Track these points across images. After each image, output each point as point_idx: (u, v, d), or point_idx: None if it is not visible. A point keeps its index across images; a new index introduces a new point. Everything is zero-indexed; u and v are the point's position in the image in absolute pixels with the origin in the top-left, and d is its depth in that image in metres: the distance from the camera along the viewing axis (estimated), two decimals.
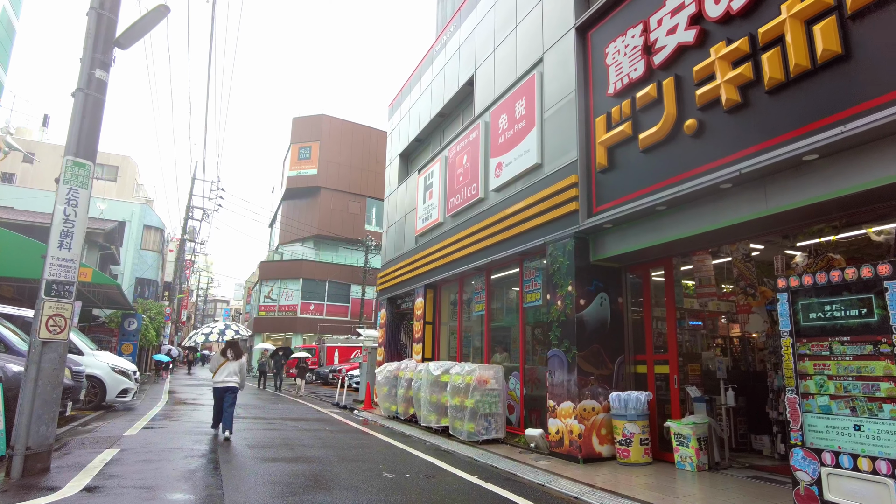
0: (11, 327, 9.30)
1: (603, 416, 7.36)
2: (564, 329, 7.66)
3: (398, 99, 16.69)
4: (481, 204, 10.57)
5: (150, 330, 24.94)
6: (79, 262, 5.70)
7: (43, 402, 5.30)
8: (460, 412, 8.88)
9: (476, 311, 10.98)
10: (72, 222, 5.62)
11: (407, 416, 11.09)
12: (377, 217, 43.31)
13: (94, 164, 5.98)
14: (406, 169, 15.87)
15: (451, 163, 12.00)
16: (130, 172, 34.39)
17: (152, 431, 8.54)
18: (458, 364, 9.46)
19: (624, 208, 6.98)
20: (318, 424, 10.70)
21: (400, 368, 11.63)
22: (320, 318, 37.74)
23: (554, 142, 8.57)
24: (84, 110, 5.96)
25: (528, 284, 9.25)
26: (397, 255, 14.97)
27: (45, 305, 5.39)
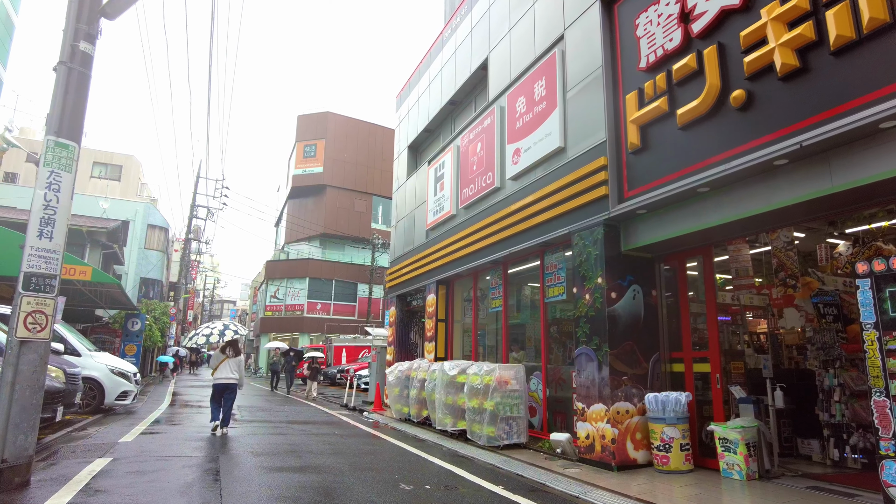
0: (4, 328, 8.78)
1: (638, 419, 6.75)
2: (594, 325, 7.05)
3: (406, 89, 16.10)
4: (497, 193, 9.97)
5: (155, 331, 24.48)
6: (62, 253, 5.15)
7: (21, 409, 4.75)
8: (479, 415, 8.29)
9: (492, 308, 10.38)
10: (53, 209, 5.06)
11: (420, 418, 10.51)
12: (384, 215, 42.79)
13: (80, 145, 5.42)
14: (415, 161, 15.28)
15: (464, 152, 11.40)
16: (134, 172, 33.98)
17: (150, 437, 8.00)
18: (476, 363, 8.86)
19: (660, 192, 6.37)
20: (327, 428, 10.13)
21: (412, 368, 11.05)
22: (327, 318, 37.25)
23: (578, 123, 7.95)
24: (67, 86, 5.40)
25: (550, 278, 8.64)
26: (407, 251, 14.39)
27: (24, 301, 4.84)
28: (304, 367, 23.08)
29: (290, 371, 20.79)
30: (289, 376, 20.67)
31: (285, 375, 20.85)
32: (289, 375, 20.67)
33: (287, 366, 20.77)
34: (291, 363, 21.06)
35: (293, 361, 21.18)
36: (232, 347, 9.22)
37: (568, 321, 8.73)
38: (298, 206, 41.98)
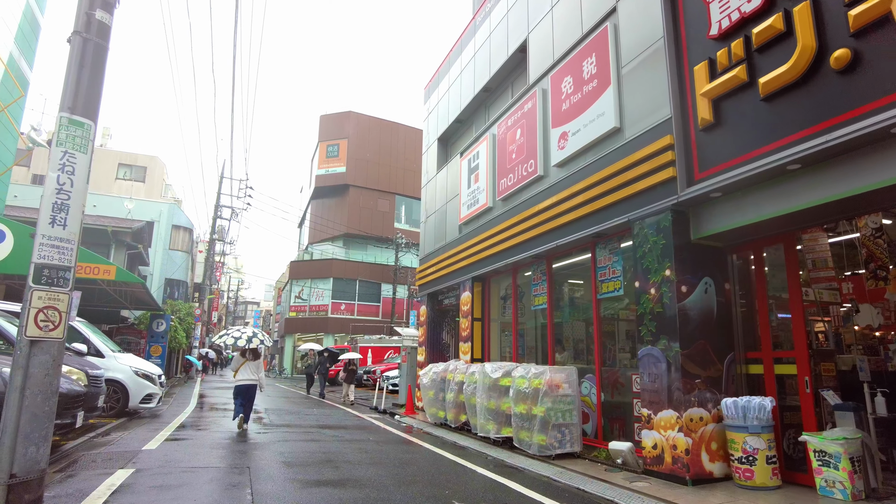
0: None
1: (713, 426, 6.01)
2: (661, 323, 6.33)
3: (434, 80, 15.48)
4: (540, 182, 9.27)
5: (180, 331, 24.25)
6: (77, 243, 4.61)
7: (32, 418, 4.21)
8: (527, 421, 7.61)
9: (535, 305, 9.68)
10: (67, 193, 4.53)
11: (458, 423, 9.86)
12: (406, 214, 42.34)
13: (96, 124, 4.89)
14: (445, 154, 14.64)
15: (501, 140, 10.72)
16: (158, 173, 33.97)
17: (175, 444, 7.48)
18: (522, 365, 8.19)
19: (739, 171, 5.63)
20: (360, 433, 9.54)
21: (448, 370, 10.41)
22: (351, 318, 36.87)
23: (636, 100, 7.23)
24: (83, 59, 4.87)
25: (604, 272, 7.93)
26: (438, 247, 13.76)
27: (34, 296, 4.31)
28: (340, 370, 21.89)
29: (324, 373, 19.62)
30: (322, 379, 19.52)
31: (319, 378, 19.72)
32: (322, 378, 19.51)
33: (321, 367, 19.67)
34: (326, 364, 19.90)
35: (327, 363, 20.04)
36: (252, 352, 9.90)
37: (625, 319, 8.02)
38: (322, 207, 41.74)
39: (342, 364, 19.29)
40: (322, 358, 20.05)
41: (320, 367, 19.65)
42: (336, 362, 21.20)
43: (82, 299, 17.70)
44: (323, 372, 19.45)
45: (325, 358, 20.06)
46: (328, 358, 20.21)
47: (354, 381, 17.32)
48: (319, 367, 19.72)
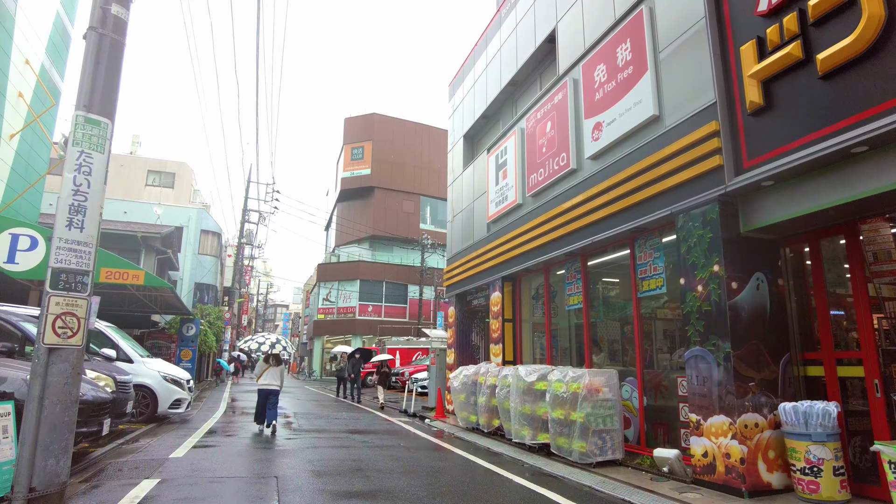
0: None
1: (770, 433, 5.56)
2: (709, 322, 5.90)
3: (459, 76, 15.18)
4: (573, 176, 8.89)
5: (210, 335, 24.39)
6: (95, 246, 4.43)
7: (51, 429, 4.03)
8: (565, 427, 7.24)
9: (570, 305, 9.29)
10: (83, 194, 4.35)
11: (491, 428, 9.53)
12: (432, 215, 42.18)
13: (113, 123, 4.71)
14: (472, 151, 14.32)
15: (530, 134, 10.36)
16: (187, 178, 34.38)
17: (203, 452, 7.31)
18: (558, 368, 7.82)
19: (794, 157, 5.18)
20: (390, 439, 9.28)
21: (479, 373, 10.08)
22: (379, 320, 36.82)
23: (676, 86, 6.81)
24: (98, 55, 4.70)
25: (644, 269, 7.51)
26: (466, 247, 13.44)
27: (52, 302, 4.13)
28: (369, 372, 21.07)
29: (357, 376, 18.35)
30: (354, 382, 18.29)
31: (351, 382, 18.61)
32: (354, 381, 18.29)
33: (353, 369, 18.48)
34: (359, 366, 18.65)
35: (361, 364, 18.83)
36: (274, 358, 10.38)
37: (667, 318, 7.59)
38: (347, 209, 41.86)
39: (373, 366, 18.75)
40: (354, 360, 18.92)
41: (353, 370, 18.61)
42: (367, 361, 20.21)
43: (112, 304, 17.98)
44: (356, 375, 18.41)
45: (357, 360, 18.91)
46: (360, 359, 19.06)
47: (387, 383, 16.46)
48: (352, 369, 18.70)
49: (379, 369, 16.55)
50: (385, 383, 16.23)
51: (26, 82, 17.03)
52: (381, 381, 16.20)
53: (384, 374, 16.41)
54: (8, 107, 15.83)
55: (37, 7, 17.61)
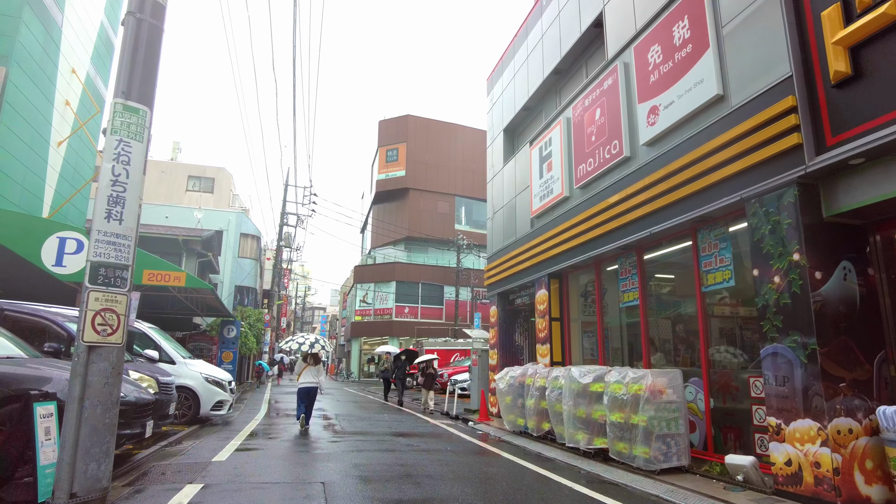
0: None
1: (866, 440, 4.99)
2: (789, 316, 5.36)
3: (497, 69, 14.78)
4: (627, 164, 8.40)
5: (250, 337, 24.60)
6: (135, 239, 4.22)
7: (92, 431, 3.83)
8: (626, 431, 6.76)
9: (624, 302, 8.78)
10: (122, 185, 4.14)
11: (540, 432, 9.09)
12: (467, 216, 41.88)
13: (152, 111, 4.50)
14: (512, 145, 13.91)
15: (577, 122, 9.89)
16: (226, 183, 34.92)
17: (246, 455, 7.10)
18: (616, 369, 7.35)
19: (891, 131, 4.62)
20: (436, 442, 8.95)
21: (527, 375, 9.66)
22: (415, 321, 36.66)
23: (743, 62, 6.28)
24: (137, 41, 4.50)
25: (709, 261, 6.98)
26: (508, 244, 13.03)
27: (91, 297, 3.93)
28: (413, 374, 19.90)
29: (402, 378, 17.37)
30: (400, 384, 17.39)
31: (397, 384, 17.62)
32: (400, 383, 17.39)
33: (399, 372, 17.42)
34: (405, 368, 17.53)
35: (407, 365, 17.63)
36: (313, 357, 10.54)
37: (738, 315, 7.05)
38: (383, 211, 41.90)
39: (415, 368, 17.41)
40: (400, 362, 17.83)
41: (398, 372, 17.57)
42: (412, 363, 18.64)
43: (155, 306, 18.18)
44: (401, 377, 17.43)
45: (402, 362, 17.77)
46: (406, 361, 17.84)
47: (433, 386, 15.07)
48: (397, 371, 17.64)
49: (423, 370, 15.25)
50: (431, 385, 14.91)
51: (73, 91, 17.41)
52: (427, 384, 14.89)
53: (430, 375, 15.02)
54: (56, 115, 16.18)
55: (82, 17, 17.97)
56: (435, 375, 15.24)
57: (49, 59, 15.40)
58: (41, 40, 14.74)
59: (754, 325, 6.43)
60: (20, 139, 13.81)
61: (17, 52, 13.65)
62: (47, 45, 15.10)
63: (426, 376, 15.01)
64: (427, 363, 15.41)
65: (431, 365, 15.33)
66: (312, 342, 10.88)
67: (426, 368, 15.16)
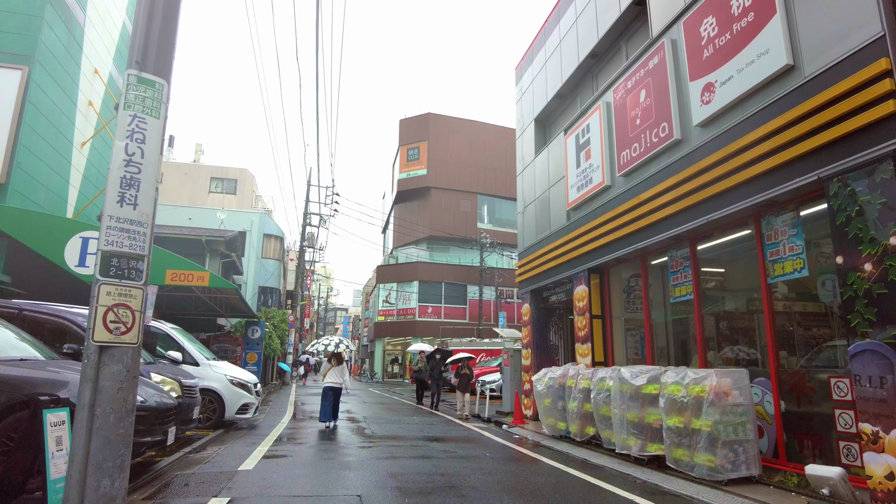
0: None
1: None
2: (885, 308, 4.71)
3: (527, 58, 14.19)
4: (678, 148, 7.77)
5: (274, 338, 24.34)
6: (151, 227, 3.77)
7: (104, 443, 3.37)
8: (685, 437, 6.16)
9: (675, 297, 8.14)
10: (136, 165, 3.69)
11: (584, 436, 8.50)
12: (489, 214, 41.30)
13: (169, 85, 4.05)
14: (544, 135, 13.32)
15: (619, 106, 9.28)
16: (248, 184, 34.83)
17: (273, 463, 6.65)
18: (672, 369, 6.74)
19: None
20: (472, 448, 8.42)
21: (568, 376, 9.08)
22: (439, 321, 36.17)
23: (818, 26, 5.63)
24: (152, 6, 4.05)
25: (777, 249, 6.33)
26: (541, 239, 12.44)
27: (102, 291, 3.48)
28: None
29: (437, 379, 15.48)
30: (435, 386, 15.43)
31: (433, 385, 15.74)
32: (435, 385, 15.45)
33: (434, 372, 15.57)
34: (440, 368, 15.71)
35: (443, 365, 15.80)
36: (336, 358, 10.80)
37: (808, 308, 6.40)
38: (404, 210, 41.52)
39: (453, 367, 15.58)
40: (435, 361, 16.01)
41: (433, 372, 15.71)
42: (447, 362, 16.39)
43: (179, 307, 17.95)
44: (436, 378, 15.55)
45: (437, 361, 15.88)
46: (441, 360, 15.93)
47: (469, 389, 13.39)
48: (432, 371, 15.80)
49: (458, 371, 13.54)
50: (467, 387, 13.20)
51: (95, 92, 17.26)
52: (463, 386, 13.19)
53: (464, 376, 13.28)
54: (79, 115, 16.02)
55: (104, 17, 17.84)
56: (471, 376, 13.58)
57: (72, 59, 15.22)
58: (63, 40, 14.56)
59: (828, 320, 5.80)
60: (43, 140, 13.63)
61: (39, 52, 13.47)
62: (70, 45, 14.91)
63: (461, 377, 13.35)
64: (462, 362, 13.70)
65: (467, 364, 13.69)
66: (337, 343, 11.19)
67: (461, 368, 13.52)
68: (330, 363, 10.79)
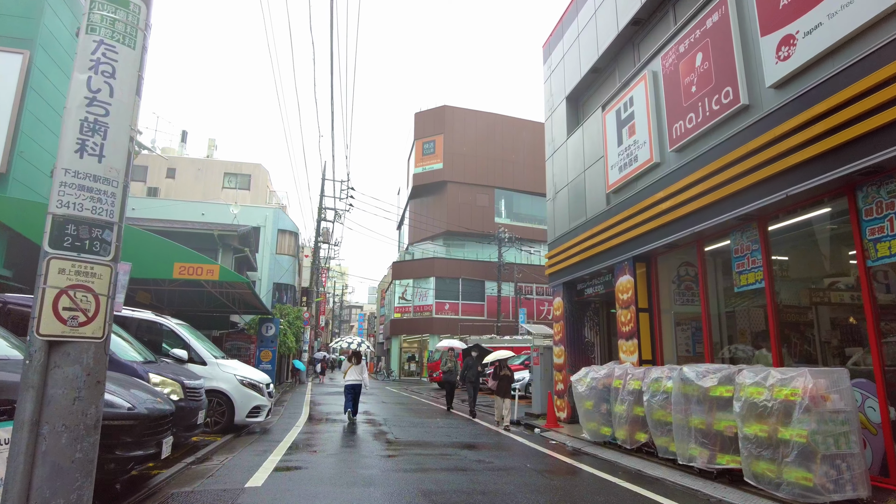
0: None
1: None
2: None
3: (557, 32, 13.20)
4: (746, 114, 6.76)
5: (289, 335, 23.60)
6: (123, 186, 2.89)
7: (53, 471, 2.51)
8: (770, 449, 5.19)
9: (741, 286, 7.11)
10: (103, 105, 2.82)
11: (634, 444, 7.54)
12: (507, 208, 40.27)
13: (150, 8, 3.17)
14: (576, 114, 12.33)
15: (669, 74, 8.28)
16: (262, 180, 34.16)
17: (286, 478, 5.79)
18: (750, 368, 5.77)
19: None
20: (509, 457, 7.51)
21: (613, 376, 8.12)
22: (457, 318, 35.26)
23: None
24: None
25: (879, 225, 5.32)
26: (575, 227, 11.46)
27: (52, 268, 2.62)
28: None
29: (476, 381, 13.19)
30: (472, 389, 13.02)
31: (468, 388, 13.36)
32: (472, 388, 13.05)
33: (470, 373, 13.22)
34: (478, 368, 13.50)
35: (479, 365, 13.56)
36: (356, 357, 11.52)
37: None
38: (420, 205, 40.65)
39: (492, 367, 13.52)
40: (471, 360, 13.71)
41: (469, 373, 13.31)
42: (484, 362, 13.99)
43: (190, 304, 17.19)
44: (474, 380, 13.16)
45: (473, 360, 13.67)
46: (478, 359, 13.78)
47: (510, 393, 11.27)
48: (468, 372, 13.38)
49: (497, 372, 11.45)
50: (507, 391, 11.14)
51: None
52: (503, 390, 11.09)
53: (505, 378, 11.26)
54: None
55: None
56: (512, 379, 11.56)
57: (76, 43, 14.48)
58: (67, 23, 13.85)
59: None
60: (46, 127, 12.93)
61: (41, 36, 12.77)
62: (74, 28, 14.18)
63: (500, 379, 11.23)
64: (501, 362, 11.57)
65: (507, 365, 11.58)
66: (359, 342, 12.45)
67: (500, 369, 11.39)
68: (350, 361, 11.45)
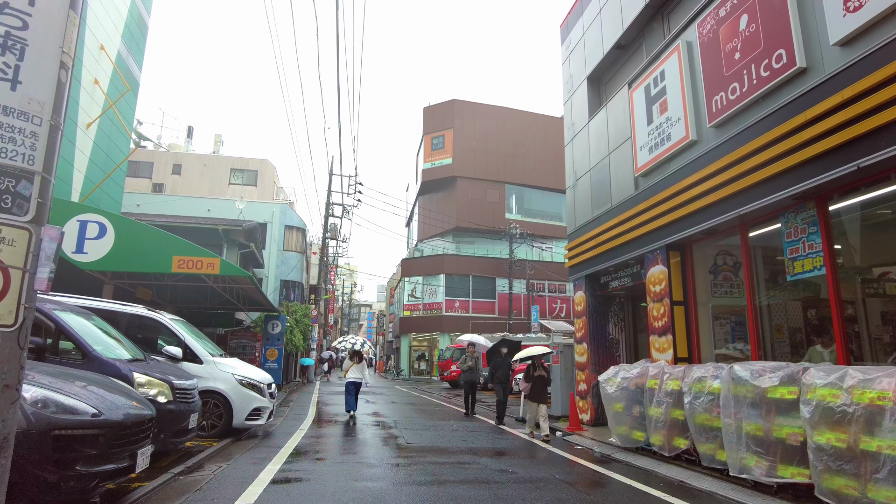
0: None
1: None
2: None
3: (576, 9, 12.42)
4: (801, 79, 5.97)
5: (297, 333, 22.97)
6: (52, 124, 2.18)
7: None
8: (851, 462, 4.42)
9: (795, 274, 6.29)
10: (19, 16, 2.08)
11: (672, 450, 6.78)
12: (518, 204, 39.43)
13: None
14: (599, 95, 11.55)
15: (707, 42, 7.49)
16: (269, 175, 33.56)
17: (284, 492, 5.08)
18: (819, 366, 4.99)
19: None
20: (534, 466, 6.77)
21: (647, 375, 7.36)
22: (467, 316, 34.54)
23: None
24: None
25: None
26: (598, 215, 10.70)
27: None
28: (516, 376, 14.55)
29: (506, 382, 11.73)
30: (502, 391, 11.49)
31: (496, 388, 11.70)
32: (502, 390, 11.50)
33: (500, 372, 11.65)
34: (510, 365, 11.92)
35: (509, 362, 11.87)
36: (357, 356, 11.81)
37: None
38: (429, 202, 39.91)
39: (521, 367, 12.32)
40: (500, 357, 11.84)
41: (499, 373, 11.65)
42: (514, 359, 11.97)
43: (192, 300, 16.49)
44: (503, 379, 11.62)
45: (503, 357, 11.84)
46: (508, 356, 11.90)
47: (545, 397, 9.46)
48: (498, 371, 11.69)
49: (529, 372, 9.51)
50: (544, 396, 9.35)
51: (102, 69, 16.00)
52: (538, 393, 9.25)
53: (541, 379, 9.39)
54: (84, 94, 14.75)
55: None
56: (548, 380, 9.74)
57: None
58: None
59: None
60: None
61: None
62: None
63: (535, 381, 9.31)
64: (534, 360, 9.61)
65: (541, 364, 9.56)
66: (362, 343, 12.49)
67: (533, 369, 9.46)
68: (352, 360, 11.73)
